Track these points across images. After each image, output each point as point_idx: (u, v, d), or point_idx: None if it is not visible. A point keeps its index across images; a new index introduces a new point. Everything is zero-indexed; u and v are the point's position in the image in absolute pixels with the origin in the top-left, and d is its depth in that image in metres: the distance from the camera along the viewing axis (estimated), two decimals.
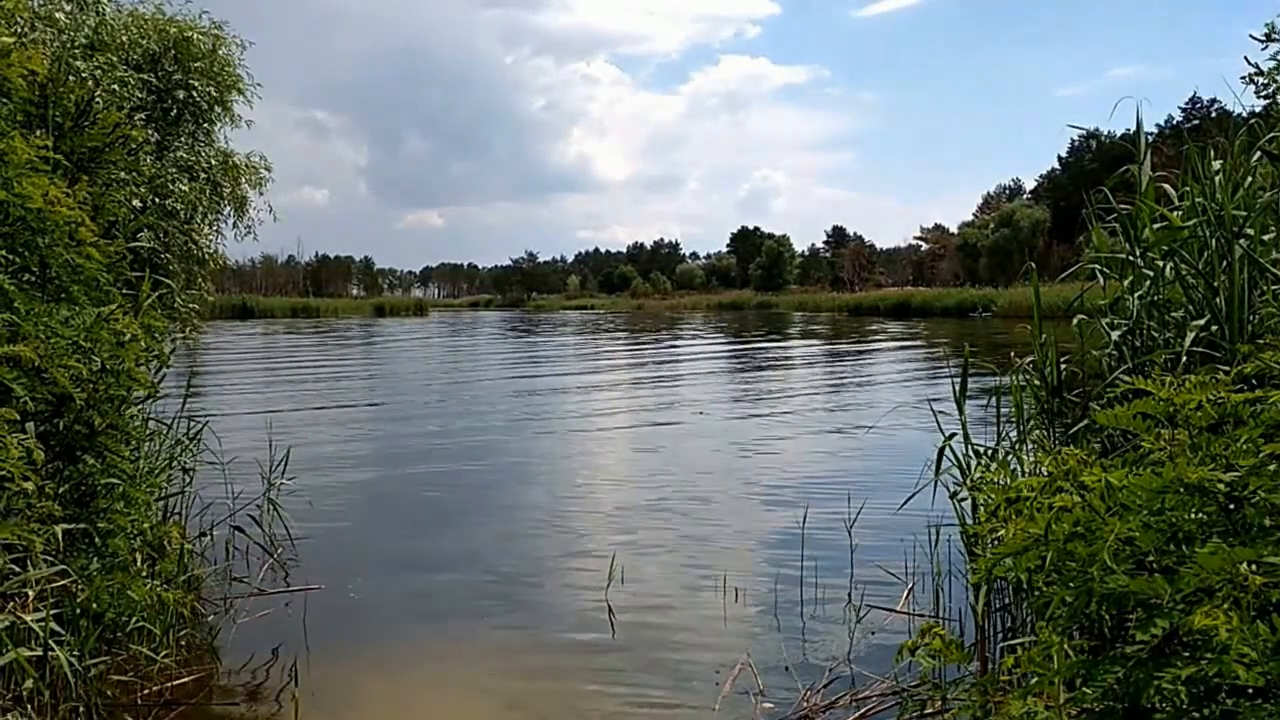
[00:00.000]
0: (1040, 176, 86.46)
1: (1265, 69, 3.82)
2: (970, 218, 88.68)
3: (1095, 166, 71.98)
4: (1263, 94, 3.89)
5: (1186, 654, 1.36)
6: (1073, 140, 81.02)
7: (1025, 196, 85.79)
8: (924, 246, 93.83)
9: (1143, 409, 1.63)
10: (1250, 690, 1.38)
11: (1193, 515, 1.53)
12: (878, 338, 35.46)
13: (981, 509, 4.54)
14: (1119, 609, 1.50)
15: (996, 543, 1.80)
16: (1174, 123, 61.28)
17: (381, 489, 9.26)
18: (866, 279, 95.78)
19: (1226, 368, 2.82)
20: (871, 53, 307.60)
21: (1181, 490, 1.44)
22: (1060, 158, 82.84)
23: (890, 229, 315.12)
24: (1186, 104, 64.86)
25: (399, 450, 11.50)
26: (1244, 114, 5.03)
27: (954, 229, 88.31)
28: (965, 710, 1.74)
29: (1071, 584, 1.42)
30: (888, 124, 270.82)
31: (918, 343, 32.09)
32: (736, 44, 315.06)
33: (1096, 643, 1.67)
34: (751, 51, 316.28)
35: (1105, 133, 76.73)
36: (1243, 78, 3.91)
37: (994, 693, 1.72)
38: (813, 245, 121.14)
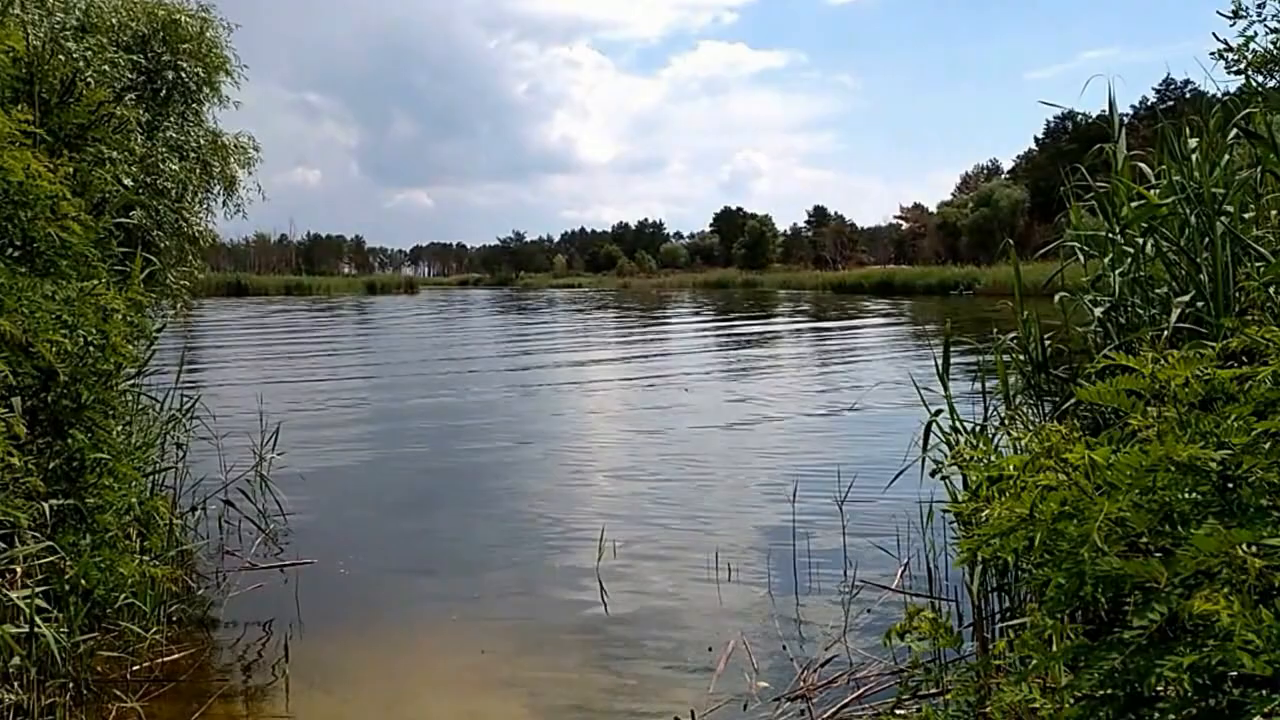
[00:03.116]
0: (1018, 157, 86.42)
1: (1234, 44, 3.82)
2: (949, 197, 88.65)
3: (1073, 147, 71.91)
4: (1233, 70, 3.88)
5: (1189, 639, 1.35)
6: (1049, 121, 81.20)
7: (1003, 176, 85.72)
8: (904, 225, 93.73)
9: (1128, 385, 1.62)
10: (1258, 679, 1.35)
11: (1186, 495, 1.52)
12: (863, 315, 35.45)
13: (968, 486, 4.57)
14: (1115, 591, 1.49)
15: (983, 522, 1.79)
16: (1149, 104, 61.32)
17: (374, 464, 9.26)
18: (849, 257, 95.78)
19: (1212, 343, 2.84)
20: (847, 37, 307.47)
21: (1172, 469, 1.44)
22: (1037, 138, 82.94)
23: (871, 208, 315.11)
24: (1160, 85, 64.78)
25: (391, 427, 11.50)
26: (1218, 94, 5.05)
27: (933, 208, 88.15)
28: (961, 694, 1.73)
29: (1064, 566, 1.42)
30: (865, 106, 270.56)
31: (903, 320, 32.12)
32: (715, 29, 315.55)
33: (1094, 626, 1.67)
34: (729, 37, 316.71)
35: (1081, 114, 77.01)
36: (1212, 54, 3.91)
37: (989, 676, 1.72)
38: (795, 225, 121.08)
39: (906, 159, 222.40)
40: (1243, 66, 3.82)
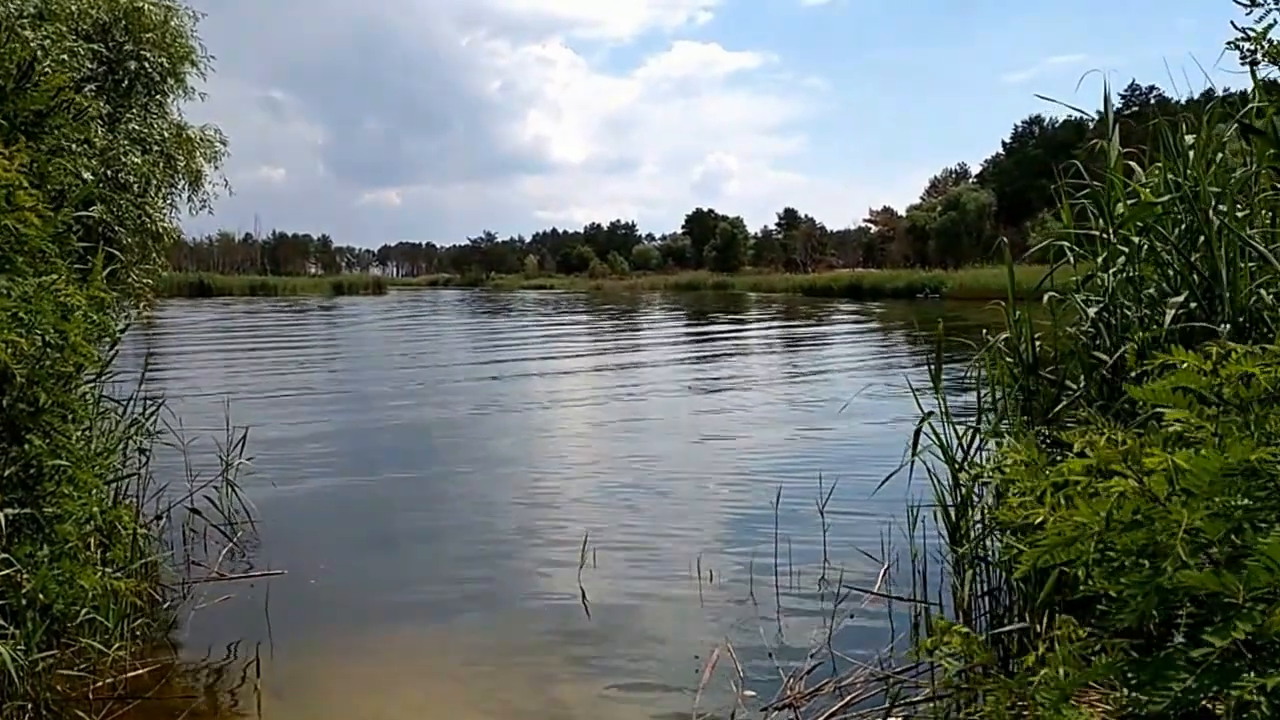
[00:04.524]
0: (985, 161, 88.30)
1: (1252, 34, 3.73)
2: (918, 201, 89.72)
3: (1039, 152, 73.89)
4: (1248, 61, 3.80)
5: (1250, 656, 1.25)
6: (1017, 125, 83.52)
7: (971, 180, 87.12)
8: (873, 229, 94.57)
9: (1187, 383, 1.50)
10: None
11: (1240, 500, 1.41)
12: (835, 318, 35.62)
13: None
14: (1164, 605, 1.39)
15: (1006, 530, 1.67)
16: (1114, 109, 62.62)
17: (345, 473, 9.02)
18: (819, 260, 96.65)
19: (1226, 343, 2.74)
20: (820, 40, 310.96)
21: (1238, 474, 1.33)
22: (1004, 143, 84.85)
23: (840, 211, 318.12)
24: (1126, 91, 66.22)
25: (362, 432, 11.25)
26: (1182, 100, 5.05)
27: (902, 212, 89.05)
28: (992, 712, 1.60)
29: (1129, 579, 1.30)
30: (837, 109, 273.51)
31: (873, 323, 32.31)
32: (689, 29, 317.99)
33: (1138, 641, 1.55)
34: (703, 37, 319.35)
35: (1048, 119, 79.31)
36: (1229, 43, 3.82)
37: (1019, 693, 1.60)
38: (765, 227, 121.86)
39: (877, 162, 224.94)
40: (1259, 58, 3.75)
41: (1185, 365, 1.62)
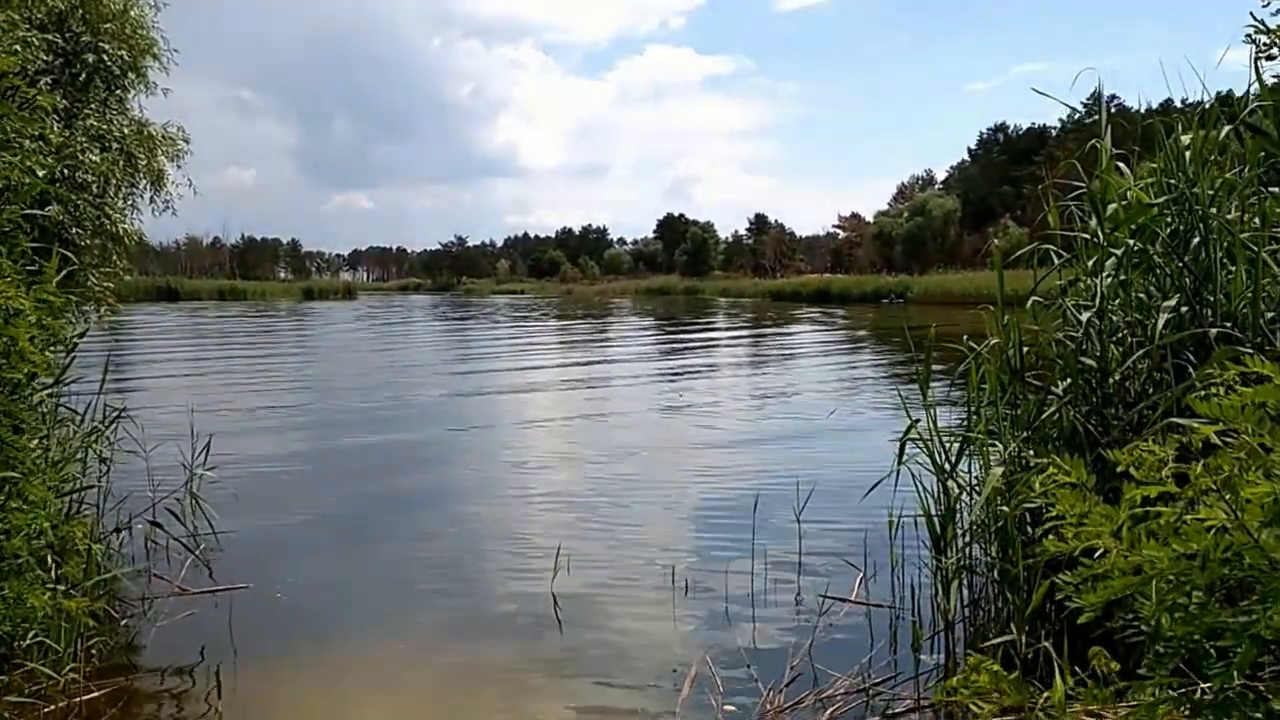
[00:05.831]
0: (951, 168, 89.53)
1: (1272, 26, 3.65)
2: (885, 207, 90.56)
3: (1003, 159, 75.02)
4: (1264, 55, 3.72)
5: None
6: (982, 133, 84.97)
7: (937, 187, 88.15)
8: (841, 234, 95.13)
9: (1266, 397, 1.36)
10: None
11: None
12: (805, 325, 35.68)
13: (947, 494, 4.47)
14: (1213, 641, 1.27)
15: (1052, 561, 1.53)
16: (1075, 117, 63.90)
17: (312, 482, 8.79)
18: (787, 265, 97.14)
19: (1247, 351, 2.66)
20: (792, 45, 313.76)
21: None
22: (970, 150, 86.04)
23: (809, 217, 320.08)
24: (1089, 100, 67.41)
25: (331, 445, 10.96)
26: (1141, 109, 5.03)
27: (870, 218, 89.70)
28: None
29: (1202, 620, 1.18)
30: (808, 115, 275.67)
31: (842, 330, 32.44)
32: (662, 34, 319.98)
33: (1170, 678, 1.43)
34: (676, 41, 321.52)
35: (1013, 126, 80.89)
36: (1247, 38, 3.75)
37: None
38: (736, 232, 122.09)
39: (846, 168, 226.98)
40: (1275, 52, 3.68)
41: (1225, 379, 1.50)
